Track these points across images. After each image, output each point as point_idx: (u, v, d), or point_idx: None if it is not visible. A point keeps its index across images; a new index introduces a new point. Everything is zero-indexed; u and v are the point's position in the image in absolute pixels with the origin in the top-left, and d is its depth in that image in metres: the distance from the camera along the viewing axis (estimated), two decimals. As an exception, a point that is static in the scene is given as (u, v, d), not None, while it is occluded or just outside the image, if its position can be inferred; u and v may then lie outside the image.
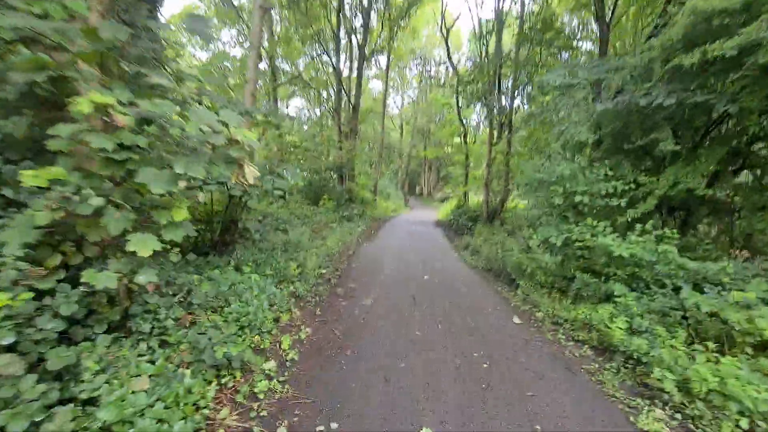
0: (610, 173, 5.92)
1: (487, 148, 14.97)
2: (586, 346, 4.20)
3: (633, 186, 5.92)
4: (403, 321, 4.47)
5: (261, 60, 7.18)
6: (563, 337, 4.39)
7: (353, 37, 16.51)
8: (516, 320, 4.91)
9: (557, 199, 6.20)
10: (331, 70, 17.10)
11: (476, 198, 21.97)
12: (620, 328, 4.11)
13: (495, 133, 15.06)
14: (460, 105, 19.69)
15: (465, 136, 20.16)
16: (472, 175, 20.96)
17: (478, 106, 20.87)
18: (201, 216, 6.45)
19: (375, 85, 39.86)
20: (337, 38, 15.29)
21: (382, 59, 22.67)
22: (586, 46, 13.32)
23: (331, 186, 14.39)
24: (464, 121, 20.19)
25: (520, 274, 6.80)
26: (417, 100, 38.22)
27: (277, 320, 3.95)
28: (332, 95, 17.84)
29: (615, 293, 4.73)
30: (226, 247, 6.20)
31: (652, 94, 5.46)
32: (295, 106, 26.31)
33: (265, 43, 14.64)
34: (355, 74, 16.29)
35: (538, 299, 5.67)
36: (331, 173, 14.79)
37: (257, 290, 3.99)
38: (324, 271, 6.53)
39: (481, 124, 22.95)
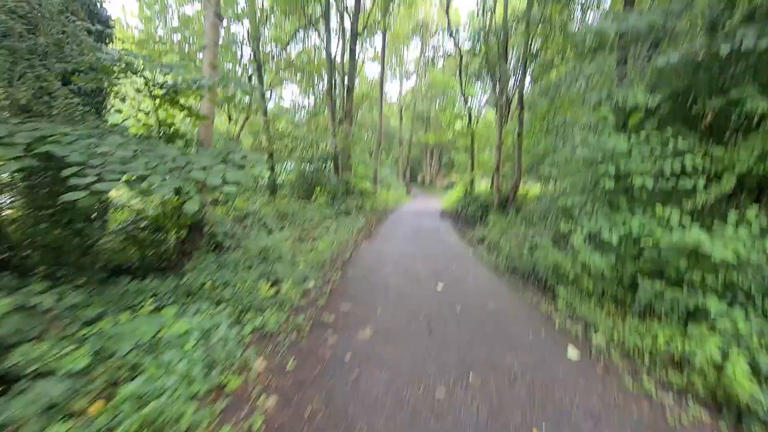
0: (681, 146, 4.49)
1: (496, 129, 13.44)
2: (690, 398, 2.84)
3: (707, 162, 4.50)
4: (417, 371, 3.11)
5: (222, 21, 5.71)
6: (651, 383, 3.02)
7: (345, 15, 14.89)
8: (571, 354, 3.55)
9: (606, 183, 4.78)
10: (323, 53, 15.57)
11: (484, 184, 20.52)
12: (742, 372, 2.75)
13: (504, 111, 13.54)
14: (463, 84, 18.10)
15: (469, 118, 18.59)
16: (479, 159, 19.45)
17: (483, 84, 19.27)
18: (153, 223, 5.11)
19: (372, 71, 38.00)
20: (326, 13, 13.68)
21: (378, 40, 21.01)
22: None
23: (326, 178, 12.95)
24: (468, 101, 18.58)
25: (559, 278, 5.43)
26: (416, 85, 36.41)
27: (218, 390, 2.59)
28: (325, 78, 16.29)
29: (711, 310, 3.37)
30: (188, 261, 4.87)
31: (733, 38, 4.01)
32: (287, 98, 24.58)
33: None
34: (347, 55, 14.72)
35: (590, 315, 4.31)
36: (326, 163, 13.32)
37: (193, 339, 2.62)
38: (310, 285, 5.18)
39: (486, 103, 21.29)
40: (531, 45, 11.60)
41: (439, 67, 28.93)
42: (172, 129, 5.01)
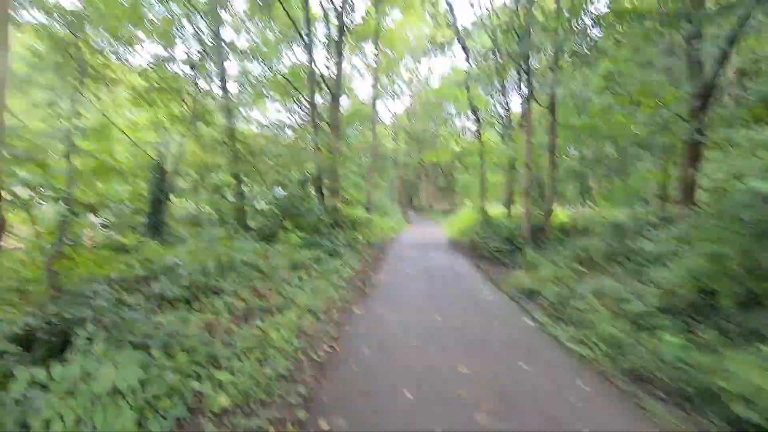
0: None
1: (524, 142, 10.63)
2: None
3: None
4: None
5: None
6: None
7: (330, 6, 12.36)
8: None
9: None
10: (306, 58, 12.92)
11: (494, 209, 17.63)
12: None
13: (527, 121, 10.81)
14: (471, 98, 15.55)
15: (479, 133, 15.91)
16: (492, 180, 16.67)
17: (494, 92, 16.80)
18: None
19: (363, 89, 36.05)
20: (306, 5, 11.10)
21: (368, 49, 18.64)
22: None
23: (306, 206, 9.84)
24: (477, 115, 15.94)
25: None
26: (411, 105, 34.29)
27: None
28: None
29: None
30: None
31: None
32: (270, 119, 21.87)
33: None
34: (333, 58, 12.05)
35: None
36: (303, 187, 10.19)
37: None
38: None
39: (498, 116, 18.76)
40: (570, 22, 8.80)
41: (439, 82, 26.81)
42: None
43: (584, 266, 7.32)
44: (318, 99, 14.44)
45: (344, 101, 23.23)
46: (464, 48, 14.62)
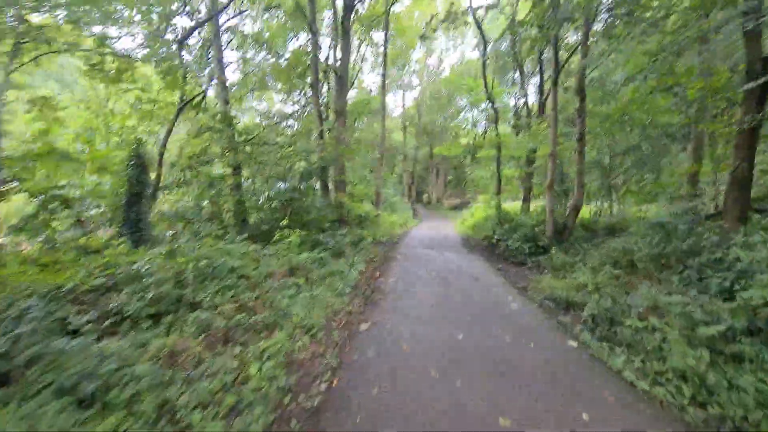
0: None
1: (549, 129, 9.59)
2: None
3: None
4: None
5: None
6: None
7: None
8: None
9: None
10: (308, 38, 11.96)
11: (511, 204, 16.61)
12: None
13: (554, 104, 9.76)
14: (489, 84, 14.47)
15: (496, 122, 14.84)
16: (507, 174, 15.62)
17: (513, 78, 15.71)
18: None
19: (371, 81, 35.11)
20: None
21: (378, 38, 17.64)
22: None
23: (308, 201, 8.97)
24: (494, 102, 14.85)
25: None
26: (421, 95, 33.15)
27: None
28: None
29: None
30: None
31: None
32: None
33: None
34: (340, 40, 11.09)
35: None
36: (305, 180, 9.27)
37: None
38: None
39: (512, 108, 17.67)
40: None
41: (449, 73, 25.65)
42: None
43: (624, 272, 6.36)
44: (324, 89, 13.56)
45: (353, 94, 22.32)
46: (479, 26, 13.50)
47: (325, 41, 15.63)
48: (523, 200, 14.86)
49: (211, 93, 11.59)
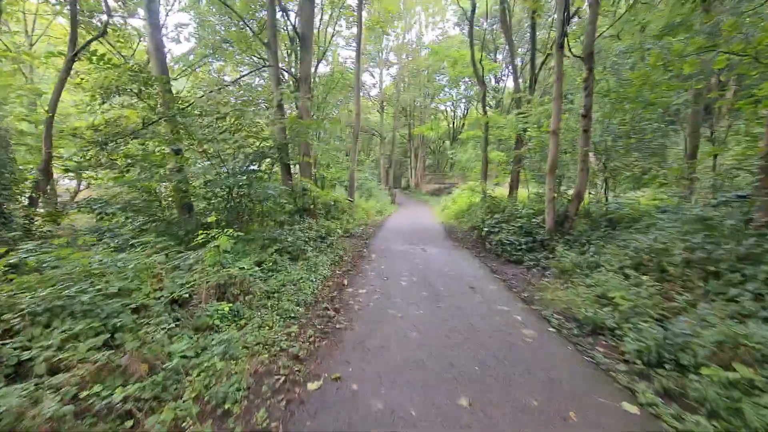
0: None
1: (553, 105, 8.10)
2: None
3: None
4: None
5: None
6: None
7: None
8: None
9: None
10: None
11: (496, 190, 15.31)
12: None
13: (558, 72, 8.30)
14: (476, 57, 12.81)
15: (483, 100, 13.26)
16: (497, 158, 14.22)
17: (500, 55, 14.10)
18: None
19: (346, 55, 32.77)
20: None
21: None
22: None
23: (260, 189, 7.11)
24: (483, 75, 13.21)
25: None
26: (400, 72, 31.06)
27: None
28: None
29: None
30: None
31: None
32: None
33: None
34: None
35: None
36: (258, 163, 7.36)
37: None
38: None
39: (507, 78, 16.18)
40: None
41: (428, 51, 23.77)
42: None
43: (651, 278, 5.04)
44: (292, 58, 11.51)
45: (327, 70, 20.11)
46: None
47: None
48: (510, 186, 13.56)
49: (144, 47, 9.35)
